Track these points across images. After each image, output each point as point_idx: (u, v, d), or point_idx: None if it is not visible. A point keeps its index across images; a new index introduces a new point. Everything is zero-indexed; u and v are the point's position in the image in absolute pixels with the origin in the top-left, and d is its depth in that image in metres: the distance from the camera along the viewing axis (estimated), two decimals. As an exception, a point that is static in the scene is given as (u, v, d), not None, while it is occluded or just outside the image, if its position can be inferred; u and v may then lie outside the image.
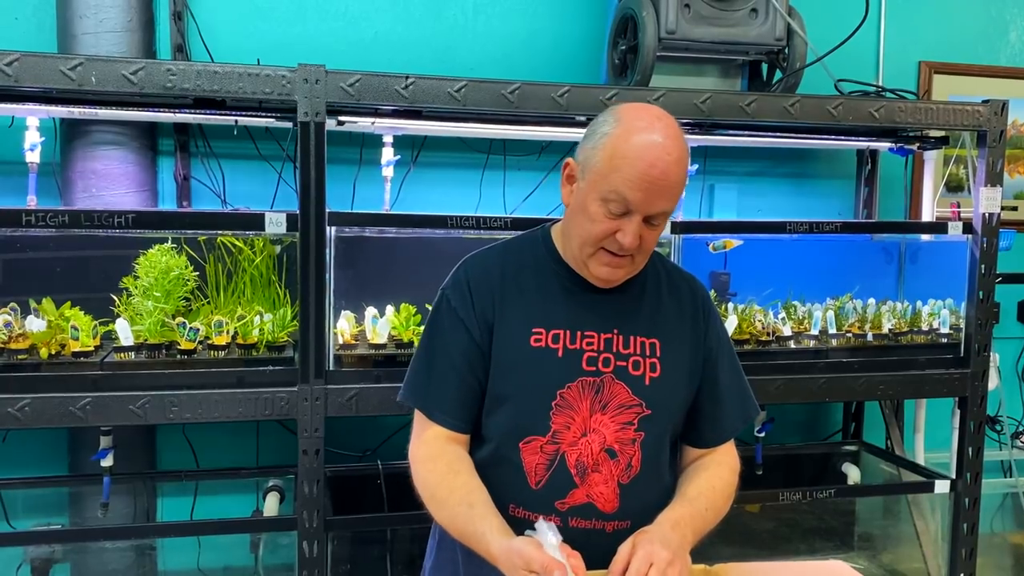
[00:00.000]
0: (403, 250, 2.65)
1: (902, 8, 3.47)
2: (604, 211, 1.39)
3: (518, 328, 1.48)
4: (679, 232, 2.65)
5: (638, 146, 1.36)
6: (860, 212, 3.40)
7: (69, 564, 2.78)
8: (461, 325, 1.50)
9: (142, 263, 2.40)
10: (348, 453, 2.95)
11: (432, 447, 1.49)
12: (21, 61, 2.10)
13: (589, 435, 1.46)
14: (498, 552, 1.30)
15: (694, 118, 2.58)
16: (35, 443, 2.78)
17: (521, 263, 1.54)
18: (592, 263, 1.46)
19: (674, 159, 1.37)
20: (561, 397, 1.46)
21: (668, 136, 1.38)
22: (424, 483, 1.47)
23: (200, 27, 2.84)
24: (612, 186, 1.37)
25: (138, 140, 2.71)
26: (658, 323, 1.53)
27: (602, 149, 1.39)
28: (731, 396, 1.59)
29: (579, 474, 1.45)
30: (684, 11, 2.69)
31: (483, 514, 1.37)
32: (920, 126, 2.82)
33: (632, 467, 1.47)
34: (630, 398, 1.48)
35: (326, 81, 2.27)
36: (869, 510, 3.49)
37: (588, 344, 1.48)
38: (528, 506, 1.45)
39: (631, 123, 1.39)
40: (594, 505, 1.46)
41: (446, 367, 1.50)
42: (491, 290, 1.51)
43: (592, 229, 1.41)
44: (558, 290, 1.51)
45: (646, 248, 1.45)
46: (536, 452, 1.46)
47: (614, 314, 1.51)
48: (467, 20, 3.09)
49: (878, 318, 2.97)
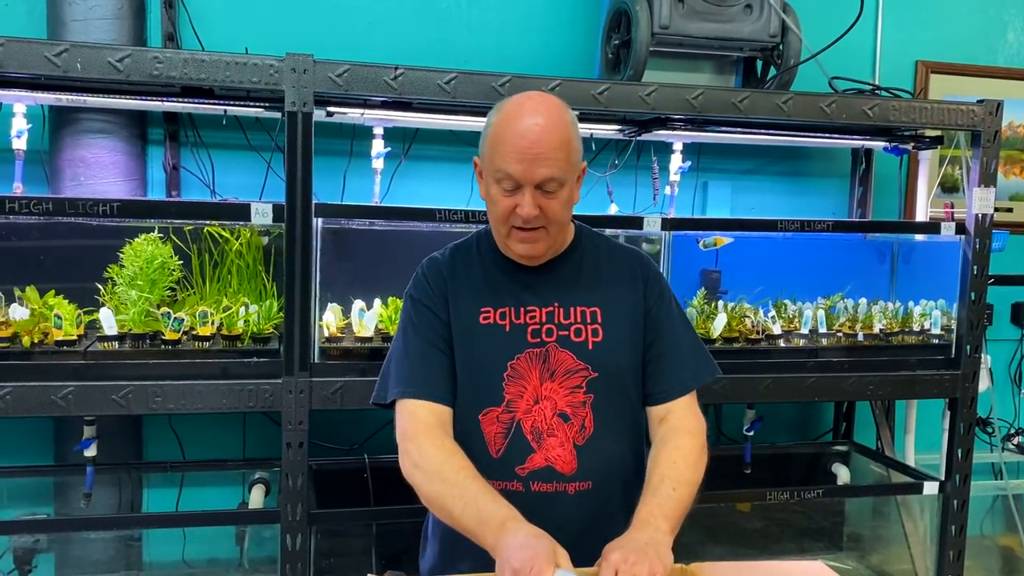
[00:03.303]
0: (391, 243, 2.63)
1: (900, 7, 3.45)
2: (500, 191, 1.53)
3: (468, 309, 1.62)
4: (669, 228, 2.64)
5: (510, 124, 1.51)
6: (854, 211, 3.39)
7: (53, 554, 2.77)
8: (427, 310, 1.62)
9: (127, 252, 2.38)
10: (335, 447, 2.94)
11: (428, 429, 1.54)
12: (5, 46, 2.08)
13: (541, 402, 1.57)
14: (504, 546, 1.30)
15: (686, 114, 2.56)
16: (20, 432, 2.77)
17: (467, 257, 1.68)
18: (510, 243, 1.58)
19: (543, 128, 1.49)
20: (512, 368, 1.58)
21: (538, 111, 1.51)
22: (429, 460, 1.49)
23: (191, 16, 2.82)
24: (497, 166, 1.51)
25: (127, 129, 2.70)
26: (598, 292, 1.64)
27: (487, 139, 1.55)
28: (676, 352, 1.64)
29: (535, 439, 1.57)
30: (678, 6, 2.68)
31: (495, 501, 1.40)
32: (915, 125, 2.80)
33: (586, 428, 1.58)
34: (575, 363, 1.59)
35: (314, 70, 2.25)
36: (859, 511, 3.48)
37: (531, 318, 1.61)
38: (490, 474, 1.51)
39: (506, 109, 1.54)
40: (553, 468, 1.56)
41: (423, 348, 1.60)
42: (443, 280, 1.65)
43: (496, 210, 1.55)
44: (500, 275, 1.65)
45: (553, 216, 1.54)
46: (494, 422, 1.58)
47: (553, 290, 1.63)
48: (461, 11, 3.07)
49: (869, 318, 2.96)
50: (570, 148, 1.53)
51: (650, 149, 3.07)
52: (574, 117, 1.57)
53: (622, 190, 3.11)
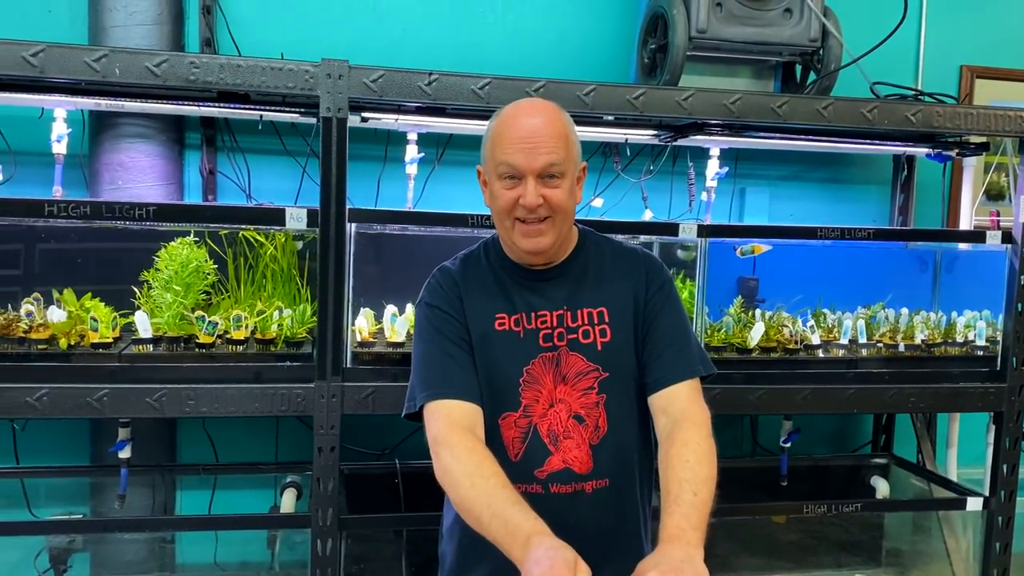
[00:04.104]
0: (424, 248, 2.62)
1: (944, 10, 3.38)
2: (503, 185, 1.57)
3: (484, 315, 1.65)
4: (705, 235, 2.60)
5: (509, 121, 1.57)
6: (895, 219, 3.32)
7: (88, 553, 2.80)
8: (445, 314, 1.65)
9: (163, 256, 2.40)
10: (366, 451, 2.94)
11: (460, 432, 1.53)
12: (46, 52, 2.11)
13: (556, 405, 1.61)
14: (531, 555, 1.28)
15: (724, 119, 2.53)
16: (58, 433, 2.81)
17: (477, 267, 1.71)
18: (515, 238, 1.60)
19: (541, 122, 1.55)
20: (527, 373, 1.62)
21: (535, 109, 1.58)
22: (460, 464, 1.48)
23: (228, 21, 2.84)
24: (499, 160, 1.56)
25: (165, 133, 2.72)
26: (604, 293, 1.67)
27: (488, 140, 1.61)
28: (672, 340, 1.65)
29: (552, 442, 1.61)
30: (716, 10, 2.64)
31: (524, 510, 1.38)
32: (959, 131, 2.73)
33: (600, 428, 1.62)
34: (586, 365, 1.63)
35: (349, 76, 2.25)
36: (898, 525, 3.40)
37: (542, 322, 1.64)
38: (511, 478, 1.49)
39: (504, 112, 1.61)
40: (571, 469, 1.61)
41: (446, 349, 1.62)
42: (456, 286, 1.68)
43: (499, 204, 1.59)
44: (511, 283, 1.68)
45: (556, 206, 1.57)
46: (512, 427, 1.62)
47: (561, 294, 1.66)
48: (496, 17, 3.07)
49: (911, 328, 2.89)
50: (568, 141, 1.58)
51: (686, 154, 3.03)
52: (571, 119, 1.63)
53: (657, 196, 3.08)
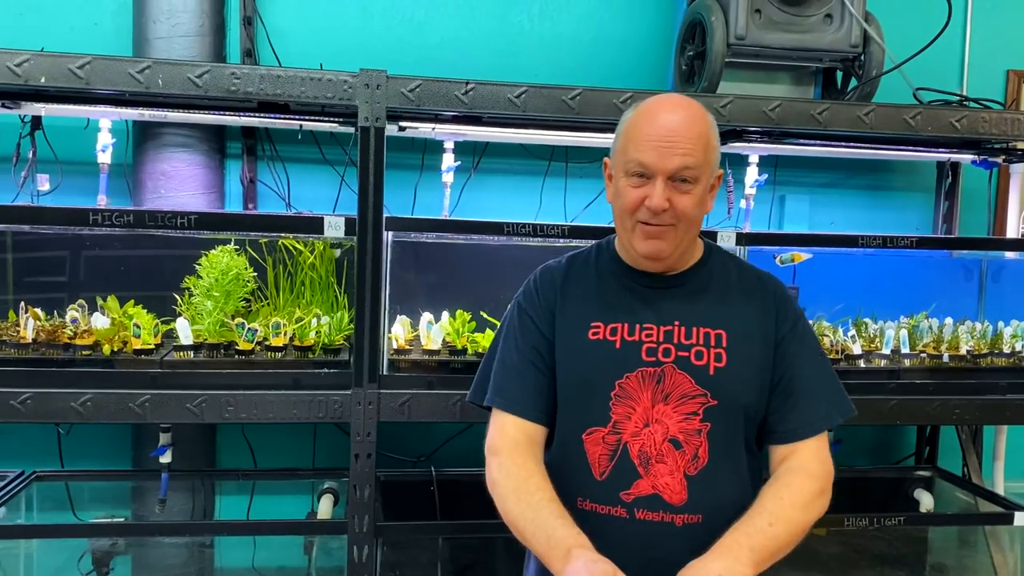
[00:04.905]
0: (460, 256, 2.63)
1: (989, 14, 3.31)
2: (630, 183, 1.48)
3: (577, 323, 1.55)
4: (745, 243, 2.57)
5: (646, 115, 1.48)
6: (939, 227, 3.26)
7: (130, 556, 2.84)
8: (530, 322, 1.58)
9: (204, 263, 2.44)
10: (403, 458, 2.95)
11: (514, 446, 1.51)
12: (92, 64, 2.15)
13: (652, 425, 1.48)
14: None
15: (763, 126, 2.50)
16: (101, 437, 2.86)
17: (584, 267, 1.62)
18: (635, 240, 1.51)
19: (680, 117, 1.46)
20: (620, 387, 1.49)
21: (677, 103, 1.49)
22: (508, 477, 1.47)
23: (269, 32, 2.88)
24: (630, 156, 1.47)
25: (206, 143, 2.77)
26: (724, 315, 1.54)
27: (621, 133, 1.52)
28: (807, 390, 1.54)
29: (642, 464, 1.47)
30: (755, 16, 2.61)
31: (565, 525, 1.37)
32: (1006, 138, 2.67)
33: (699, 458, 1.47)
34: (693, 388, 1.49)
35: (387, 86, 2.27)
36: (943, 539, 3.32)
37: (647, 336, 1.51)
38: (594, 498, 1.47)
39: (644, 104, 1.51)
40: (660, 496, 1.46)
41: (520, 362, 1.56)
42: (555, 290, 1.59)
43: (622, 203, 1.50)
44: (617, 288, 1.57)
45: (682, 213, 1.47)
46: (599, 443, 1.49)
47: (675, 307, 1.54)
48: (532, 25, 3.07)
49: (955, 339, 2.83)
50: (708, 145, 1.47)
51: (725, 161, 2.99)
52: (714, 121, 1.52)
53: (695, 204, 3.05)
